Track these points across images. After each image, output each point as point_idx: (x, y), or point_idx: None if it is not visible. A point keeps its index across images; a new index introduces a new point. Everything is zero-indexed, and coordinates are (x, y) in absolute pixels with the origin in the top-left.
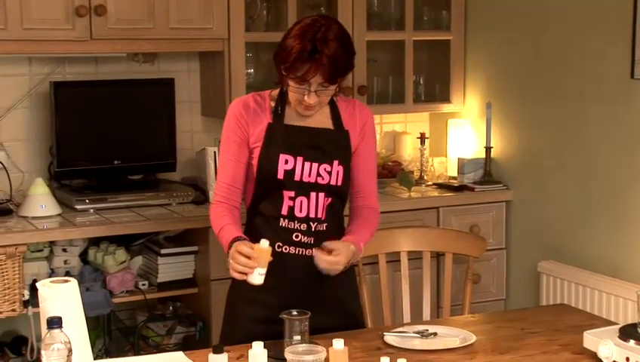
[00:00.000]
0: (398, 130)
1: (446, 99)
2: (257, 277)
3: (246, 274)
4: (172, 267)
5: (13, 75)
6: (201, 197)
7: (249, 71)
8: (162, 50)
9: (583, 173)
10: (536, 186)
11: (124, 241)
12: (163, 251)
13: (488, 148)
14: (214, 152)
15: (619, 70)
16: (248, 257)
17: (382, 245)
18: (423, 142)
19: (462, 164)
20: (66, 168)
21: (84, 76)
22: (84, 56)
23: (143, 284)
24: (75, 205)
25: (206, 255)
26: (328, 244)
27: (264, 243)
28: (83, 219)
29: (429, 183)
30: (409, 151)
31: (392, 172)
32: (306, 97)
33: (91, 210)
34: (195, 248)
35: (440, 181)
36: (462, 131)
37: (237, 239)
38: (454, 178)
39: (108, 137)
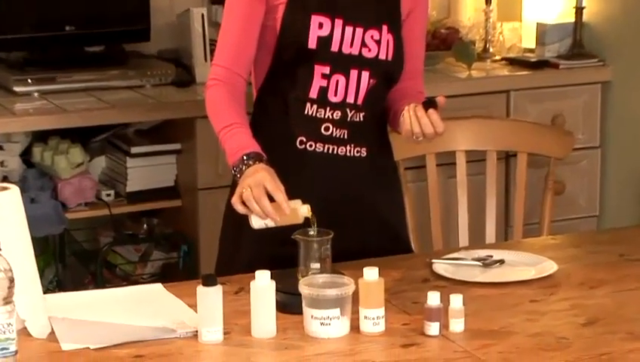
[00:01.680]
0: None
1: None
2: (260, 224)
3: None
4: (146, 171)
5: None
6: (185, 77)
7: None
8: None
9: None
10: None
11: (80, 136)
12: (134, 150)
13: (579, 9)
14: (202, 15)
15: None
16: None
17: (431, 141)
18: (488, 1)
19: (542, 32)
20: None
21: None
22: None
23: (108, 194)
24: (14, 86)
25: (192, 155)
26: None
27: (304, 211)
28: (24, 106)
29: (497, 58)
30: (469, 14)
31: (445, 42)
32: None
33: (35, 94)
34: (177, 146)
35: (512, 55)
36: None
37: (257, 157)
38: (531, 50)
39: None
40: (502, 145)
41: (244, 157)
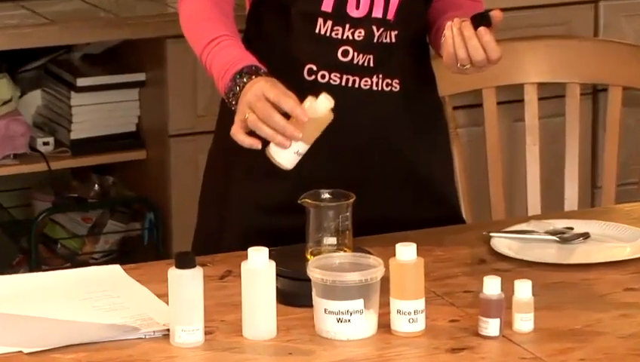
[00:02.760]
0: None
1: None
2: (290, 157)
3: (267, 142)
4: (98, 111)
5: None
6: None
7: None
8: None
9: None
10: None
11: (7, 64)
12: (81, 82)
13: None
14: None
15: None
16: (287, 117)
17: (490, 71)
18: None
19: None
20: None
21: None
22: None
23: (45, 143)
24: None
25: (161, 89)
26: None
27: (324, 102)
28: None
29: None
30: None
31: None
32: None
33: None
34: (140, 76)
35: None
36: None
37: (253, 72)
38: None
39: None
40: (587, 77)
41: (237, 77)
